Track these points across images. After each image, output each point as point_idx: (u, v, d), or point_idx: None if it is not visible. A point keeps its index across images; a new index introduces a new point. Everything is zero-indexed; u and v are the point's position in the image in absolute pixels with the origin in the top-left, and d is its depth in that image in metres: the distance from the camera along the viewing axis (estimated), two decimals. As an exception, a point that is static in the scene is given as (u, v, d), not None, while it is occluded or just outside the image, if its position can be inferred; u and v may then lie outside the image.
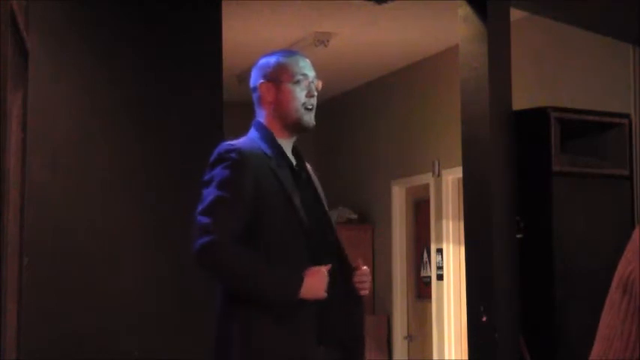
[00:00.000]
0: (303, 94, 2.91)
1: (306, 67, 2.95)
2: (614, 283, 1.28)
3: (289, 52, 3.06)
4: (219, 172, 2.79)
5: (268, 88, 2.93)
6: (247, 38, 6.48)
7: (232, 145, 2.86)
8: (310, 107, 2.92)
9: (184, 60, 4.48)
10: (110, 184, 4.28)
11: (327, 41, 6.48)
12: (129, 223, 4.30)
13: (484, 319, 3.92)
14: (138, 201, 4.34)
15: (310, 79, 2.93)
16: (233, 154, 2.81)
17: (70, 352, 4.03)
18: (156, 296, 4.30)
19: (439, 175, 7.08)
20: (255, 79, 2.98)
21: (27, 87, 2.99)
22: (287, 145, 2.95)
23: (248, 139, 2.92)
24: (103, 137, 4.30)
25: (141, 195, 4.35)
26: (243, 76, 7.48)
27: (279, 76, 2.92)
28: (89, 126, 4.28)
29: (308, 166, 3.05)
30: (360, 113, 8.28)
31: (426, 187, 7.27)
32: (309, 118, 2.92)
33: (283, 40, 6.56)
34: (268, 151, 2.87)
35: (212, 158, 2.86)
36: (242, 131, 3.01)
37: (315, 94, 2.94)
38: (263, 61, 3.00)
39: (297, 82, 2.90)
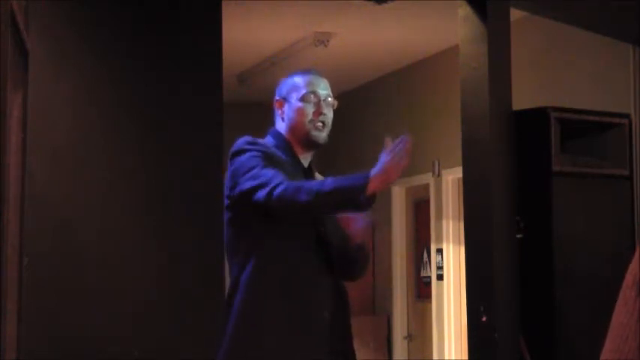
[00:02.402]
0: (311, 111, 2.96)
1: (318, 86, 3.02)
2: (627, 282, 1.27)
3: (306, 71, 3.11)
4: (252, 159, 2.85)
5: (280, 104, 3.04)
6: (247, 38, 6.48)
7: (255, 138, 2.95)
8: (320, 123, 2.96)
9: (184, 60, 4.47)
10: (110, 184, 4.28)
11: (327, 41, 6.48)
12: (129, 223, 4.30)
13: (484, 319, 3.92)
14: (138, 201, 4.34)
15: (322, 98, 2.99)
16: (259, 147, 2.89)
17: (70, 352, 4.02)
18: (156, 296, 4.29)
19: (439, 175, 7.09)
20: (275, 95, 3.08)
21: (27, 87, 3.00)
22: (304, 159, 3.03)
23: (265, 143, 2.99)
24: (103, 137, 4.29)
25: (141, 195, 4.35)
26: (243, 76, 7.50)
27: (289, 94, 3.02)
28: (89, 126, 4.28)
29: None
30: (360, 113, 8.29)
31: (426, 187, 7.27)
32: (318, 134, 2.97)
33: (283, 40, 6.56)
34: (283, 157, 2.94)
35: (238, 147, 2.91)
36: (242, 131, 3.04)
37: (326, 112, 2.99)
38: (282, 80, 3.10)
39: (305, 99, 2.97)
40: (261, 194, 2.73)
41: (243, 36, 6.40)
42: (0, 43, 2.14)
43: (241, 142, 2.92)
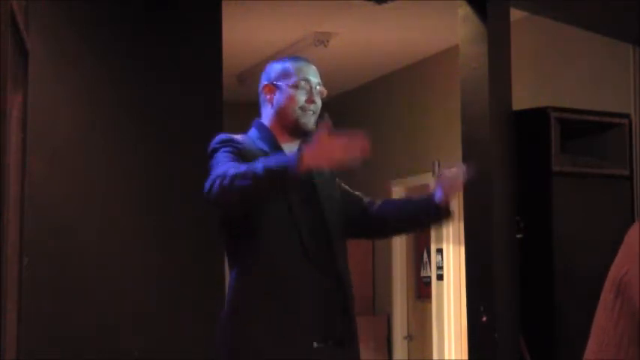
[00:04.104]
0: (303, 98, 2.95)
1: (309, 73, 2.99)
2: (607, 285, 1.28)
3: (296, 57, 3.10)
4: (221, 155, 2.82)
5: (270, 90, 2.99)
6: (247, 38, 6.48)
7: (230, 135, 2.92)
8: (310, 111, 2.94)
9: (184, 60, 4.47)
10: (110, 184, 4.28)
11: (327, 41, 6.48)
12: (129, 223, 4.30)
13: (484, 319, 3.92)
14: (138, 201, 4.34)
15: (313, 85, 2.97)
16: (233, 144, 2.86)
17: (70, 352, 4.03)
18: (156, 296, 4.30)
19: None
20: (260, 82, 3.05)
21: (27, 87, 3.00)
22: (289, 148, 2.97)
23: (246, 137, 2.96)
24: (103, 137, 4.30)
25: (141, 195, 4.35)
26: (243, 76, 7.50)
27: (280, 79, 2.98)
28: (89, 126, 4.28)
29: None
30: (360, 113, 8.28)
31: (426, 187, 7.27)
32: (308, 121, 2.95)
33: (283, 40, 6.56)
34: (267, 149, 2.90)
35: (212, 146, 2.89)
36: (242, 131, 3.03)
37: (316, 99, 2.97)
38: (270, 65, 3.06)
39: (297, 86, 2.95)
40: (205, 193, 2.70)
41: (243, 36, 6.40)
42: (0, 43, 2.14)
43: (215, 140, 2.89)
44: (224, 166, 2.74)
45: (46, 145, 4.05)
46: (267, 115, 3.00)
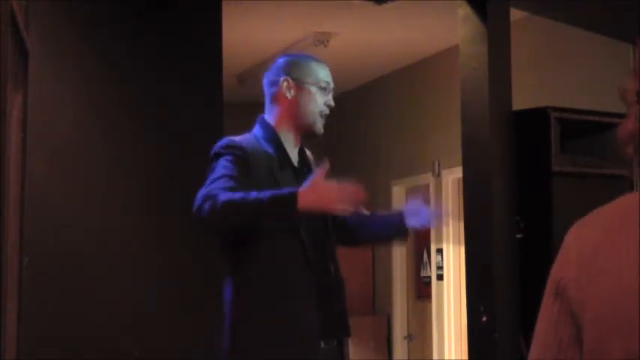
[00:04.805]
0: (323, 101, 2.93)
1: (329, 78, 2.99)
2: (547, 287, 1.29)
3: (315, 57, 3.07)
4: (222, 163, 2.79)
5: (290, 85, 2.94)
6: (247, 38, 6.48)
7: (234, 140, 2.87)
8: (325, 115, 2.95)
9: (184, 60, 4.47)
10: (110, 184, 4.28)
11: (327, 41, 6.48)
12: (129, 223, 4.30)
13: (484, 319, 3.92)
14: (138, 201, 4.34)
15: (331, 89, 2.97)
16: (236, 150, 2.82)
17: (70, 352, 4.02)
18: (156, 296, 4.29)
19: (439, 175, 7.09)
20: (276, 74, 2.98)
21: (27, 87, 3.00)
22: (293, 152, 2.96)
23: (251, 137, 2.92)
24: (103, 137, 4.30)
25: (141, 195, 4.35)
26: (243, 76, 7.50)
27: (304, 77, 2.94)
28: (89, 126, 4.28)
29: (311, 158, 3.06)
30: (360, 113, 8.29)
31: (426, 187, 7.27)
32: (320, 125, 2.94)
33: (283, 40, 6.56)
34: (270, 151, 2.88)
35: (214, 151, 2.86)
36: (242, 131, 3.01)
37: (332, 104, 2.96)
38: (288, 58, 3.01)
39: (322, 87, 2.93)
40: (194, 212, 2.67)
41: (243, 36, 6.40)
42: (0, 43, 2.14)
43: (219, 145, 2.86)
44: (217, 182, 2.71)
45: (46, 145, 4.05)
46: (276, 111, 2.96)
